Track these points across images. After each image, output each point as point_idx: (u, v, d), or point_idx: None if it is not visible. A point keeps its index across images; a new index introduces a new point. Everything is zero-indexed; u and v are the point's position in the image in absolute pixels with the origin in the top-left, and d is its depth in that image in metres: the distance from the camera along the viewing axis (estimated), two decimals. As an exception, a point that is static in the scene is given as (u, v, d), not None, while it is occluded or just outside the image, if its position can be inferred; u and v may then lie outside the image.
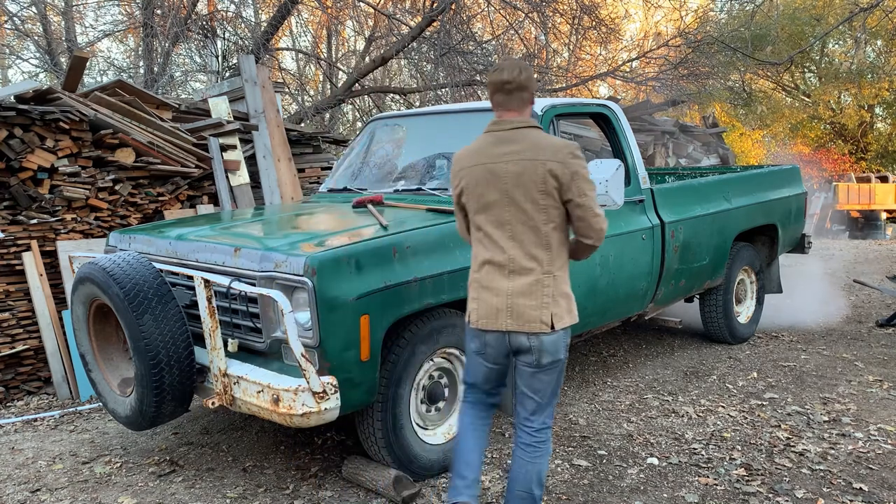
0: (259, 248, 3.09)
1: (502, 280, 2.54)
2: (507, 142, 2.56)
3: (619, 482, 3.31)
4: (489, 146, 2.59)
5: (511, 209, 2.53)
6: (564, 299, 2.56)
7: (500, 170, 2.54)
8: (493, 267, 2.57)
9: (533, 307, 2.51)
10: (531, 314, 2.51)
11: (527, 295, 2.52)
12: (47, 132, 4.92)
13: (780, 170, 6.10)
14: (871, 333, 6.06)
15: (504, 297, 2.54)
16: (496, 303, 2.55)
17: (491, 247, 2.57)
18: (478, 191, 2.58)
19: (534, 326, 2.51)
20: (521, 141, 2.55)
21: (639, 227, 4.33)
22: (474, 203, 2.60)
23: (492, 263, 2.57)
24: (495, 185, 2.54)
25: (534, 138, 2.55)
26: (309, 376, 2.75)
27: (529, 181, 2.50)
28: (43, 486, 3.43)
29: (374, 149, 4.75)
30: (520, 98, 2.59)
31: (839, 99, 26.48)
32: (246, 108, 6.67)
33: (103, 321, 3.44)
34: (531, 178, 2.50)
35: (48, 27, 11.34)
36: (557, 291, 2.54)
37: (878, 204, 19.90)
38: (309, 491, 3.28)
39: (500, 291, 2.54)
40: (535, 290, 2.52)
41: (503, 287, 2.54)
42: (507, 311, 2.53)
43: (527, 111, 2.63)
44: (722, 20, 19.28)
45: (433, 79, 10.96)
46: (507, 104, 2.60)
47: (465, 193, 2.63)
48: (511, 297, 2.53)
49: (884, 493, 3.17)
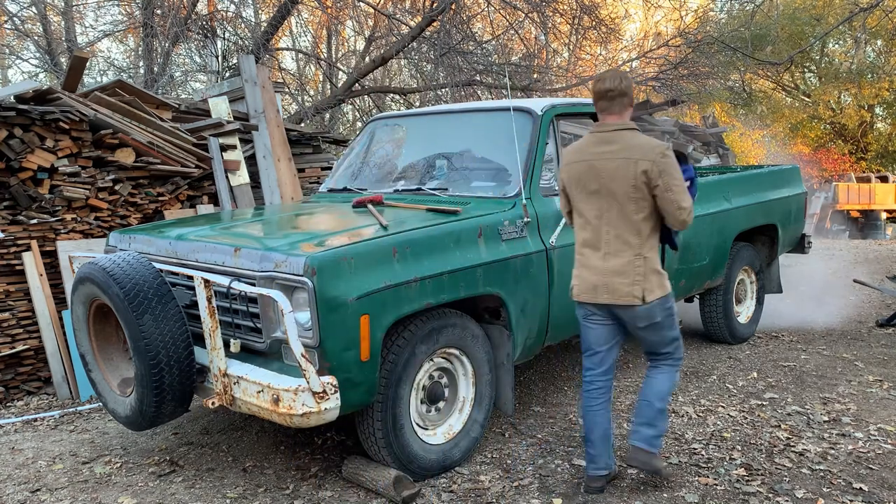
0: (259, 248, 3.09)
1: (598, 261, 3.00)
2: (607, 142, 2.98)
3: (619, 482, 3.31)
4: (591, 145, 3.02)
5: (608, 200, 2.96)
6: (655, 276, 2.99)
7: (600, 166, 2.96)
8: (591, 249, 3.03)
9: (626, 284, 2.95)
10: (623, 290, 2.95)
11: (621, 274, 2.96)
12: (47, 132, 4.92)
13: (780, 170, 6.10)
14: (871, 333, 6.06)
15: (600, 275, 2.99)
16: (594, 280, 3.01)
17: (590, 231, 3.03)
18: (580, 183, 3.02)
19: (626, 300, 2.96)
20: (619, 141, 2.95)
21: (639, 227, 4.33)
22: (577, 193, 3.05)
23: (590, 246, 3.04)
24: (595, 179, 2.97)
25: (629, 139, 2.95)
26: (309, 376, 2.76)
27: (624, 176, 2.91)
28: (43, 486, 3.43)
29: (374, 149, 4.75)
30: (620, 103, 2.98)
31: (839, 99, 26.49)
32: (246, 108, 6.67)
33: (103, 321, 3.44)
34: (625, 173, 2.90)
35: (48, 27, 11.34)
36: (648, 270, 2.97)
37: (878, 204, 19.91)
38: (309, 491, 3.28)
39: (596, 270, 3.01)
40: (628, 269, 2.95)
41: (599, 266, 3.00)
42: (603, 287, 2.99)
43: (626, 114, 3.02)
44: (722, 20, 19.29)
45: (433, 79, 10.96)
46: (609, 109, 3.00)
47: (568, 185, 3.09)
48: (606, 275, 2.98)
49: (884, 493, 3.17)
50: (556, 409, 4.26)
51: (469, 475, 3.40)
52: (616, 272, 2.96)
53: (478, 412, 3.53)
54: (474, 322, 3.47)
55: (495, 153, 4.06)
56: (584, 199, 3.03)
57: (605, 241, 2.98)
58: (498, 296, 3.48)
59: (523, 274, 3.59)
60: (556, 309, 3.83)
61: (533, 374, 4.92)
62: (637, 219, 2.94)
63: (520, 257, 3.58)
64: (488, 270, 3.42)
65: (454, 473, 3.42)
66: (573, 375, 4.90)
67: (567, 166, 3.09)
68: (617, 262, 2.96)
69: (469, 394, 3.52)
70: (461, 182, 4.06)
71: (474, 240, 3.44)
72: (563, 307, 3.88)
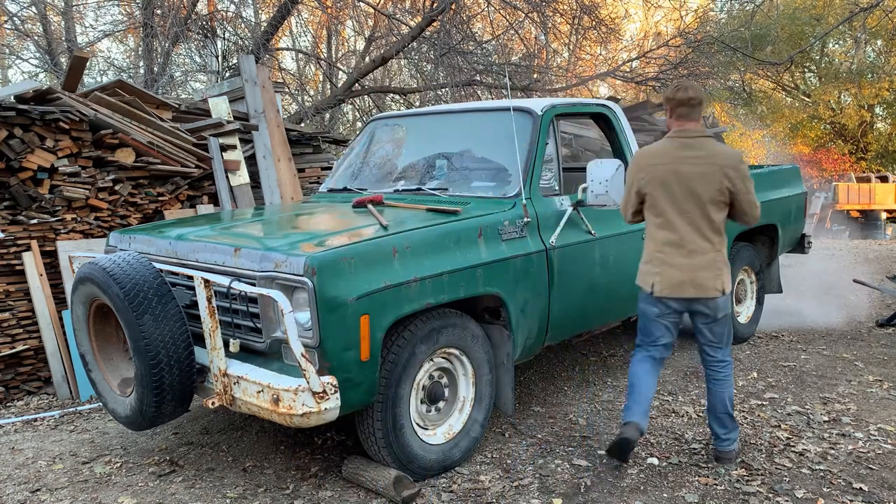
0: (259, 248, 3.09)
1: (683, 258, 3.24)
2: (691, 147, 3.24)
3: (619, 482, 3.31)
4: (675, 149, 3.26)
5: (692, 201, 3.21)
6: (727, 270, 3.31)
7: (686, 170, 3.21)
8: (673, 247, 3.25)
9: (710, 278, 3.24)
10: (709, 284, 3.24)
11: (706, 269, 3.23)
12: (47, 132, 4.92)
13: (780, 170, 6.10)
14: (871, 333, 6.06)
15: (686, 271, 3.23)
16: (680, 276, 3.24)
17: (673, 231, 3.25)
18: (665, 185, 3.23)
19: (710, 292, 3.25)
20: (703, 148, 3.24)
21: (639, 227, 4.32)
22: (660, 194, 3.25)
23: (672, 245, 3.25)
24: (680, 181, 3.21)
25: (711, 146, 3.24)
26: (309, 376, 2.76)
27: (710, 180, 3.19)
28: (43, 486, 3.43)
29: (374, 149, 4.75)
30: (699, 111, 3.28)
31: (839, 99, 26.48)
32: (246, 108, 6.67)
33: (103, 321, 3.44)
34: (711, 178, 3.19)
35: (48, 27, 11.34)
36: (724, 264, 3.28)
37: (878, 204, 19.92)
38: (309, 491, 3.28)
39: (681, 267, 3.24)
40: (713, 266, 3.25)
41: (684, 263, 3.23)
42: (689, 282, 3.23)
43: (700, 122, 3.32)
44: (722, 20, 19.29)
45: (433, 79, 10.96)
46: (689, 116, 3.27)
47: (648, 185, 3.27)
48: (692, 271, 3.23)
49: (884, 493, 3.17)
50: (556, 409, 4.26)
51: (469, 475, 3.40)
52: (701, 268, 3.23)
53: (478, 412, 3.53)
54: (474, 322, 3.47)
55: (495, 153, 4.06)
56: (667, 200, 3.24)
57: (690, 240, 3.23)
58: (498, 296, 3.48)
59: (523, 274, 3.59)
60: (557, 309, 3.83)
61: (533, 374, 4.92)
62: (717, 219, 3.25)
63: (520, 257, 3.58)
64: (488, 270, 3.42)
65: (454, 473, 3.42)
66: (573, 375, 4.91)
67: (649, 167, 3.28)
68: (702, 259, 3.23)
69: (469, 394, 3.52)
70: (461, 182, 4.06)
71: (474, 240, 3.44)
72: (564, 307, 3.88)
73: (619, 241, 4.20)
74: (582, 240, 3.95)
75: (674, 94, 3.29)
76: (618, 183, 3.65)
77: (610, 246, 4.13)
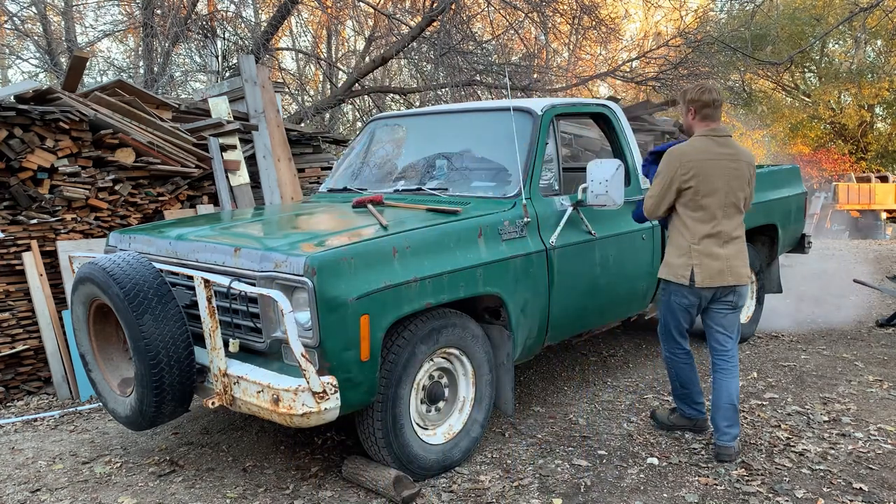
0: (259, 248, 3.09)
1: (720, 248, 3.43)
2: (725, 145, 3.47)
3: (619, 482, 3.31)
4: (714, 146, 3.45)
5: (729, 195, 3.43)
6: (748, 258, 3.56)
7: (724, 166, 3.43)
8: (713, 239, 3.43)
9: (741, 266, 3.48)
10: (742, 271, 3.47)
11: (737, 257, 3.47)
12: (47, 132, 4.92)
13: (780, 170, 6.10)
14: (871, 333, 6.06)
15: (724, 260, 3.43)
16: (719, 266, 3.42)
17: (713, 223, 3.43)
18: (708, 179, 3.40)
19: (744, 279, 3.48)
20: (733, 146, 3.49)
21: (639, 227, 4.33)
22: (704, 188, 3.40)
23: (711, 237, 3.43)
24: (721, 176, 3.41)
25: (736, 144, 3.52)
26: (309, 376, 2.76)
27: (741, 175, 3.46)
28: (43, 486, 3.43)
29: (374, 149, 4.75)
30: (720, 112, 3.53)
31: (839, 99, 26.48)
32: (246, 108, 6.67)
33: (103, 321, 3.44)
34: (742, 173, 3.47)
35: (48, 27, 11.35)
36: (747, 253, 3.54)
37: (878, 204, 19.92)
38: (309, 491, 3.28)
39: (720, 257, 3.43)
40: (741, 253, 3.50)
41: (722, 254, 3.43)
42: (728, 271, 3.43)
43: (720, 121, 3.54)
44: (722, 20, 19.30)
45: (433, 79, 10.96)
46: (714, 116, 3.49)
47: (693, 180, 3.40)
48: (728, 260, 3.44)
49: (884, 493, 3.17)
50: (556, 409, 4.26)
51: (469, 475, 3.40)
52: (735, 256, 3.46)
53: (478, 412, 3.53)
54: (474, 322, 3.47)
55: (495, 153, 4.06)
56: (709, 194, 3.41)
57: (726, 231, 3.45)
58: (498, 296, 3.48)
59: (523, 274, 3.59)
60: (557, 309, 3.83)
61: (533, 374, 4.92)
62: (742, 210, 3.51)
63: (520, 257, 3.58)
64: (488, 270, 3.42)
65: (454, 473, 3.42)
66: (573, 375, 4.91)
67: (691, 164, 3.41)
68: (734, 249, 3.47)
69: (469, 394, 3.52)
70: (461, 182, 4.06)
71: (474, 240, 3.44)
72: (564, 307, 3.88)
73: (619, 241, 4.20)
74: (582, 240, 3.95)
75: (699, 95, 3.48)
76: (618, 183, 3.65)
77: (610, 246, 4.13)
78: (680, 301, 3.55)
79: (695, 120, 3.53)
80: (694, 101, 3.50)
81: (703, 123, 3.50)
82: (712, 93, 3.48)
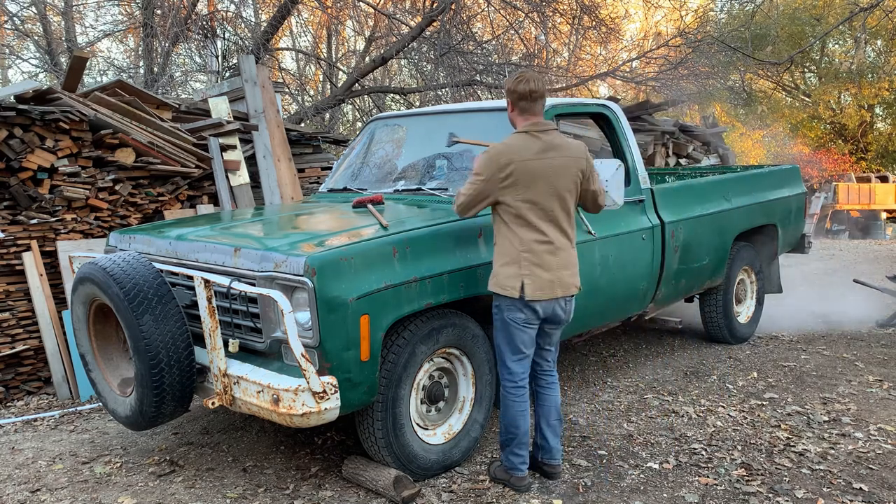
0: (259, 248, 3.09)
1: (550, 257, 3.08)
2: (546, 141, 3.08)
3: (619, 482, 3.31)
4: (533, 143, 3.07)
5: (554, 197, 3.06)
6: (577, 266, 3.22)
7: (546, 165, 3.05)
8: (542, 246, 3.07)
9: (570, 276, 3.15)
10: (570, 281, 3.14)
11: (567, 267, 3.13)
12: (47, 132, 4.92)
13: (780, 170, 6.10)
14: (871, 333, 6.06)
15: (554, 271, 3.08)
16: (549, 277, 3.08)
17: (539, 229, 3.06)
18: (529, 181, 3.03)
19: (571, 290, 3.15)
20: (557, 141, 3.10)
21: (639, 227, 4.33)
22: (524, 191, 3.03)
23: (540, 243, 3.07)
24: (543, 177, 3.04)
25: (561, 140, 3.12)
26: (309, 376, 2.75)
27: (568, 173, 3.08)
28: (43, 486, 3.43)
29: (373, 149, 4.75)
30: (542, 104, 3.13)
31: (839, 99, 26.48)
32: (246, 108, 6.67)
33: (103, 321, 3.44)
34: (569, 170, 3.09)
35: (48, 27, 11.35)
36: (577, 261, 3.21)
37: (878, 204, 19.93)
38: (309, 491, 3.28)
39: (550, 267, 3.08)
40: (570, 262, 3.15)
41: (553, 262, 3.08)
42: (557, 282, 3.10)
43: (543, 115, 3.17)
44: (722, 20, 19.29)
45: (433, 79, 10.96)
46: (532, 109, 3.11)
47: (512, 181, 3.02)
48: (559, 270, 3.09)
49: (884, 493, 3.17)
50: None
51: (469, 475, 3.40)
52: (564, 266, 3.12)
53: (478, 412, 3.53)
54: (474, 322, 3.47)
55: (495, 153, 4.05)
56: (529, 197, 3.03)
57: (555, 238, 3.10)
58: (498, 296, 3.47)
59: (523, 274, 3.58)
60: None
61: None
62: (573, 213, 3.18)
63: (520, 257, 3.57)
64: (489, 270, 3.41)
65: (454, 473, 3.42)
66: (573, 375, 4.90)
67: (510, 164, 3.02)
68: (564, 258, 3.13)
69: (469, 394, 3.52)
70: (461, 182, 4.04)
71: (474, 240, 3.44)
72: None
73: (619, 241, 4.20)
74: (581, 240, 3.94)
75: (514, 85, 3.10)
76: (618, 183, 3.65)
77: (609, 246, 4.12)
78: (514, 316, 3.11)
79: (514, 113, 3.15)
80: (510, 91, 3.11)
81: (522, 118, 3.12)
82: (529, 83, 3.06)
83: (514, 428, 3.22)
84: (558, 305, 3.15)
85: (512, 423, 3.22)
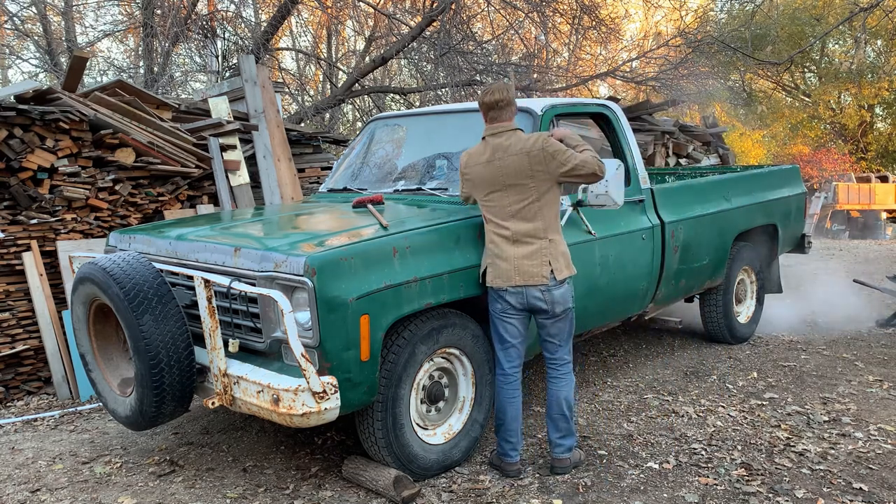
0: (259, 248, 3.09)
1: (509, 247, 3.23)
2: (495, 145, 3.27)
3: (619, 482, 3.31)
4: (483, 149, 3.31)
5: (509, 195, 3.22)
6: (563, 257, 3.27)
7: (495, 167, 3.25)
8: (502, 239, 3.24)
9: (533, 265, 3.21)
10: (533, 271, 3.20)
11: (531, 257, 3.21)
12: (47, 132, 4.92)
13: (780, 170, 6.10)
14: (871, 333, 6.06)
15: (511, 261, 3.21)
16: (506, 266, 3.22)
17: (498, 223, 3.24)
18: (481, 184, 3.28)
19: (535, 279, 3.20)
20: (505, 142, 3.25)
21: (639, 227, 4.33)
22: (479, 192, 3.30)
23: (501, 237, 3.24)
24: (492, 177, 3.25)
25: (512, 139, 3.25)
26: (309, 376, 2.76)
27: (518, 171, 3.20)
28: (43, 486, 3.43)
29: (373, 149, 4.75)
30: (508, 111, 3.30)
31: (839, 99, 26.49)
32: (246, 108, 6.67)
33: (103, 321, 3.44)
34: (518, 168, 3.20)
35: (48, 27, 11.35)
36: (556, 252, 3.24)
37: (878, 204, 19.94)
38: (309, 491, 3.28)
39: (508, 257, 3.22)
40: (538, 252, 3.21)
41: (511, 253, 3.22)
42: (515, 271, 3.21)
43: (513, 119, 3.33)
44: (722, 20, 19.30)
45: (433, 79, 10.96)
46: (500, 117, 3.29)
47: (469, 185, 3.34)
48: (517, 259, 3.20)
49: (884, 493, 3.17)
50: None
51: (469, 475, 3.40)
52: (527, 256, 3.22)
53: (478, 412, 3.53)
54: (474, 322, 3.47)
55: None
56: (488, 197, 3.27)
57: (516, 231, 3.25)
58: (498, 296, 3.47)
59: (523, 274, 3.58)
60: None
61: (533, 374, 4.92)
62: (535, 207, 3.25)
63: (520, 257, 3.57)
64: (488, 270, 3.41)
65: (454, 473, 3.42)
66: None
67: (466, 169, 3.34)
68: (528, 249, 3.23)
69: (469, 394, 3.52)
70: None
71: (474, 240, 3.44)
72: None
73: (619, 241, 4.20)
74: (582, 240, 3.95)
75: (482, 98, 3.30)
76: (618, 183, 3.65)
77: (610, 246, 4.12)
78: (493, 307, 3.33)
79: (486, 123, 3.34)
80: (480, 104, 3.32)
81: (490, 125, 3.31)
82: (494, 94, 3.25)
83: (502, 414, 3.38)
84: (532, 295, 3.22)
85: (500, 409, 3.39)
